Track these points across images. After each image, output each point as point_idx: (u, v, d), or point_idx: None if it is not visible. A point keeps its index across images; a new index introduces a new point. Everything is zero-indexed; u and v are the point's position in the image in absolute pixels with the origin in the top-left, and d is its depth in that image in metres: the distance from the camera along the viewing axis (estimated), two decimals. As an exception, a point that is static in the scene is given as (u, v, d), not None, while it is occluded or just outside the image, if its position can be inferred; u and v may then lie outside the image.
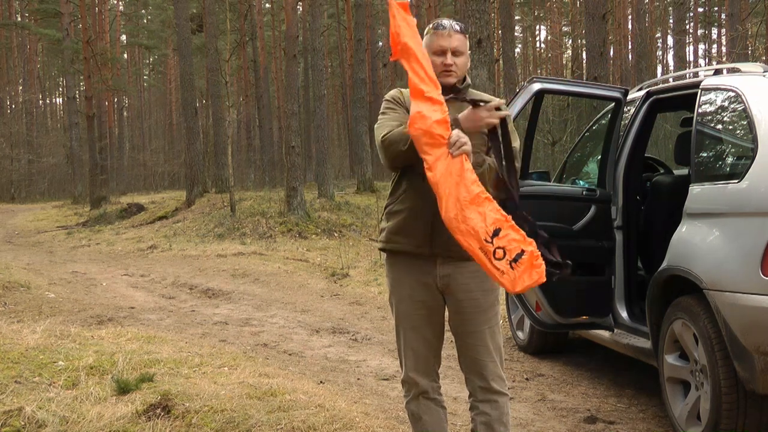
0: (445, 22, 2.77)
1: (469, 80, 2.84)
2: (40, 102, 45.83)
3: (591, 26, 11.55)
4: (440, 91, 2.54)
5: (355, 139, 22.56)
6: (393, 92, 2.88)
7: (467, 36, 2.81)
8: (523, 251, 2.41)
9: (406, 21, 2.62)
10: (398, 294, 2.83)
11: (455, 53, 2.73)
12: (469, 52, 2.86)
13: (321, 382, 4.51)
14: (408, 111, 2.61)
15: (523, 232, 2.46)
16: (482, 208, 2.44)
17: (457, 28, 2.76)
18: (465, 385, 2.86)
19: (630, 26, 28.80)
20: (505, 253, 2.40)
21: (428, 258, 2.71)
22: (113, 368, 4.05)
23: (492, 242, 2.41)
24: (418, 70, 2.55)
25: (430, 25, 2.81)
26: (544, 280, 2.44)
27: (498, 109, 2.60)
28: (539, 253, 2.44)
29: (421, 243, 2.68)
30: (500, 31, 23.38)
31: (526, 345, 5.50)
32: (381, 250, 2.85)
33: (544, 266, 2.43)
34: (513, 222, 2.47)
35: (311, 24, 19.25)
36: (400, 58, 2.61)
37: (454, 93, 2.75)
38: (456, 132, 2.50)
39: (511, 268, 2.40)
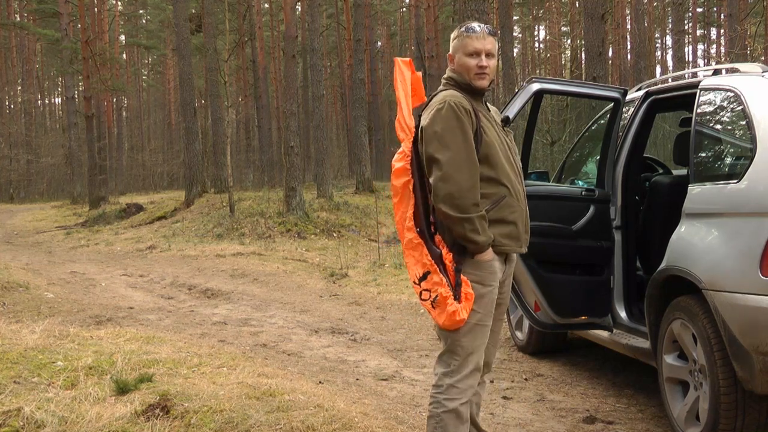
0: (476, 25, 2.83)
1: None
2: (39, 102, 45.80)
3: (590, 26, 11.54)
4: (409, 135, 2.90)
5: (354, 140, 22.54)
6: (455, 100, 2.78)
7: (497, 38, 2.86)
8: (438, 295, 2.75)
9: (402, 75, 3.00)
10: (490, 292, 2.87)
11: (488, 55, 2.79)
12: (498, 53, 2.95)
13: (320, 382, 4.51)
14: (475, 127, 2.78)
15: (443, 276, 2.75)
16: (416, 252, 2.81)
17: (488, 30, 2.82)
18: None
19: (629, 26, 28.76)
20: (430, 295, 2.77)
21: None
22: (112, 368, 4.05)
23: (420, 285, 2.79)
24: (399, 117, 2.94)
25: (461, 29, 2.85)
26: (457, 319, 2.73)
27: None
28: (450, 294, 2.73)
29: (523, 243, 2.96)
30: (499, 31, 23.37)
31: (524, 345, 5.50)
32: (497, 253, 2.86)
33: (455, 307, 2.72)
34: (438, 267, 2.76)
35: (310, 24, 19.25)
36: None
37: (483, 96, 2.89)
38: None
39: (432, 307, 2.77)
